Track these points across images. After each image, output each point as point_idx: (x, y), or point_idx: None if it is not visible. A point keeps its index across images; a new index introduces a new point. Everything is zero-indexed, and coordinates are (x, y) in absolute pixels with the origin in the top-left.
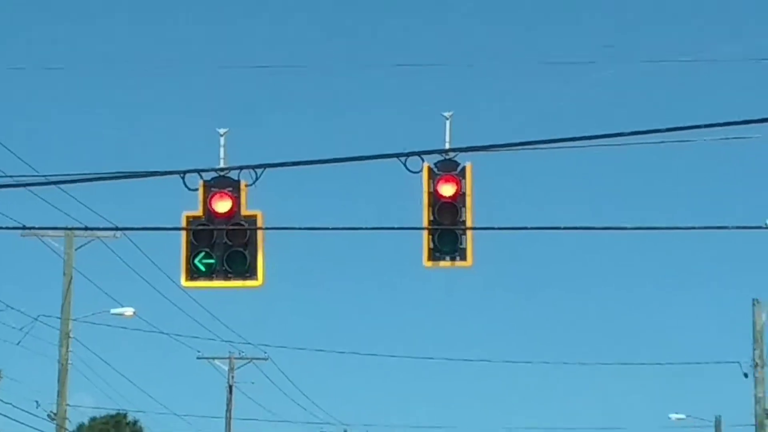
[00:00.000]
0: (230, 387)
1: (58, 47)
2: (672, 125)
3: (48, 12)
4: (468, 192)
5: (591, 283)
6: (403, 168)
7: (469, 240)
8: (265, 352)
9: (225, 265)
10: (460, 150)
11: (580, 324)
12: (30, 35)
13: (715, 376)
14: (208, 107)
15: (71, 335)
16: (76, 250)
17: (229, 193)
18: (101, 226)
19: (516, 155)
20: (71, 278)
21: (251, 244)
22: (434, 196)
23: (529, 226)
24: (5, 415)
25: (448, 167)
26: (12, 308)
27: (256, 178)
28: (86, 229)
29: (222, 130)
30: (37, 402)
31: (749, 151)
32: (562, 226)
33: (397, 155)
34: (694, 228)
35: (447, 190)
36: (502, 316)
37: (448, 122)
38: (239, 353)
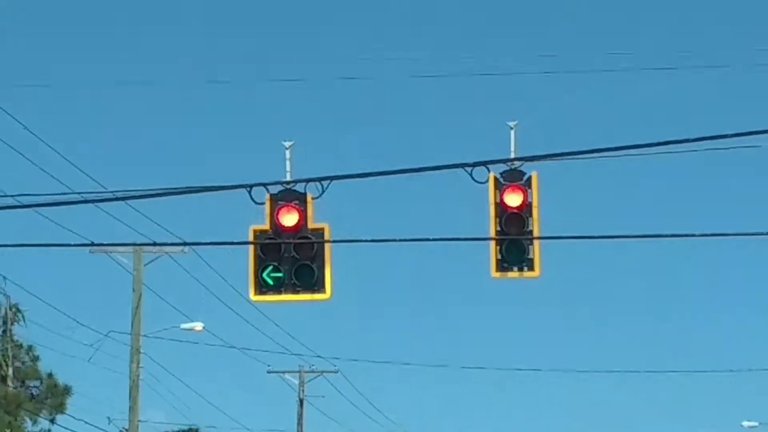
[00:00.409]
0: (301, 400)
1: (122, 62)
2: (738, 131)
3: (109, 24)
4: (534, 202)
5: (661, 290)
6: (470, 178)
7: (536, 250)
8: (335, 365)
9: (293, 278)
10: (526, 159)
11: (652, 332)
12: (95, 50)
13: None
14: (273, 120)
15: (141, 351)
16: (144, 265)
17: (296, 206)
18: (169, 242)
19: (582, 164)
20: (141, 294)
21: (318, 257)
22: (501, 207)
23: (596, 234)
24: None
25: (514, 177)
26: (82, 325)
27: (323, 191)
28: (154, 244)
29: (287, 143)
30: (109, 418)
31: None
32: (630, 234)
33: (463, 165)
34: (763, 234)
35: (513, 200)
36: (572, 326)
37: (513, 132)
38: (309, 367)
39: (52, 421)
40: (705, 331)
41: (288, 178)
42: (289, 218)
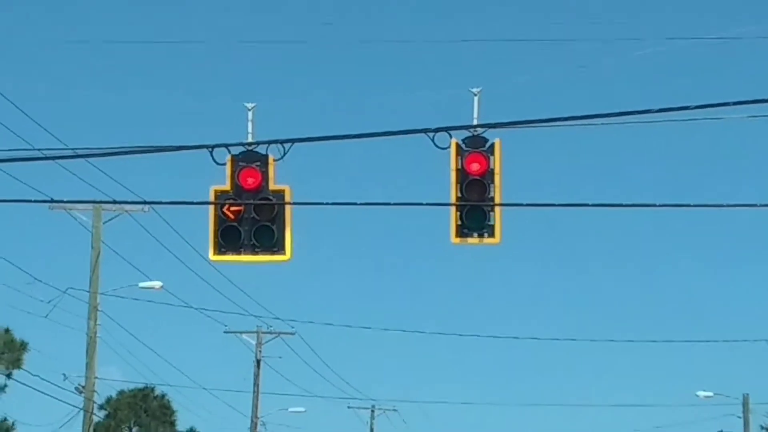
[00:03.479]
0: (258, 361)
1: (90, 23)
2: (702, 102)
3: None
4: (496, 169)
5: (620, 261)
6: (432, 144)
7: (497, 217)
8: (293, 327)
9: (253, 239)
10: (489, 126)
11: (609, 301)
12: (62, 11)
13: (743, 354)
14: (238, 82)
15: (99, 308)
16: (104, 223)
17: (257, 168)
18: (129, 200)
19: (545, 131)
20: (99, 252)
21: (279, 219)
22: (462, 173)
23: (557, 202)
24: (33, 388)
25: (476, 144)
26: (40, 281)
27: (284, 153)
28: (114, 202)
29: (250, 105)
30: (64, 375)
31: None
32: (591, 203)
33: (425, 131)
34: (723, 206)
35: (475, 166)
36: (530, 293)
37: (476, 98)
38: (267, 327)
39: (8, 376)
40: (662, 301)
41: (250, 140)
42: (250, 179)
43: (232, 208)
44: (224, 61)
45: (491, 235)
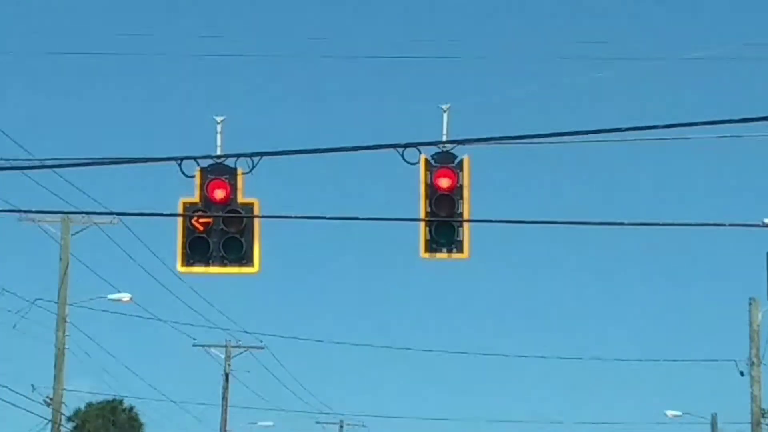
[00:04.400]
0: (226, 375)
1: (56, 34)
2: (670, 122)
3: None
4: (465, 184)
5: (588, 278)
6: (401, 159)
7: (466, 232)
8: (262, 341)
9: (221, 251)
10: (458, 142)
11: (578, 319)
12: (28, 21)
13: (711, 374)
14: (207, 94)
15: (68, 320)
16: (72, 235)
17: (226, 180)
18: (98, 211)
19: (515, 148)
20: (68, 263)
21: (248, 232)
22: (432, 188)
23: (526, 219)
24: (1, 399)
25: (445, 159)
26: (9, 292)
27: (253, 166)
28: (83, 213)
29: (219, 118)
30: (33, 386)
31: (748, 149)
32: (560, 220)
33: (395, 146)
34: (691, 224)
35: (444, 182)
36: (499, 309)
37: (445, 114)
38: (236, 341)
39: None
40: (630, 320)
41: (219, 153)
42: (218, 192)
43: (201, 220)
44: (195, 72)
45: (460, 250)
